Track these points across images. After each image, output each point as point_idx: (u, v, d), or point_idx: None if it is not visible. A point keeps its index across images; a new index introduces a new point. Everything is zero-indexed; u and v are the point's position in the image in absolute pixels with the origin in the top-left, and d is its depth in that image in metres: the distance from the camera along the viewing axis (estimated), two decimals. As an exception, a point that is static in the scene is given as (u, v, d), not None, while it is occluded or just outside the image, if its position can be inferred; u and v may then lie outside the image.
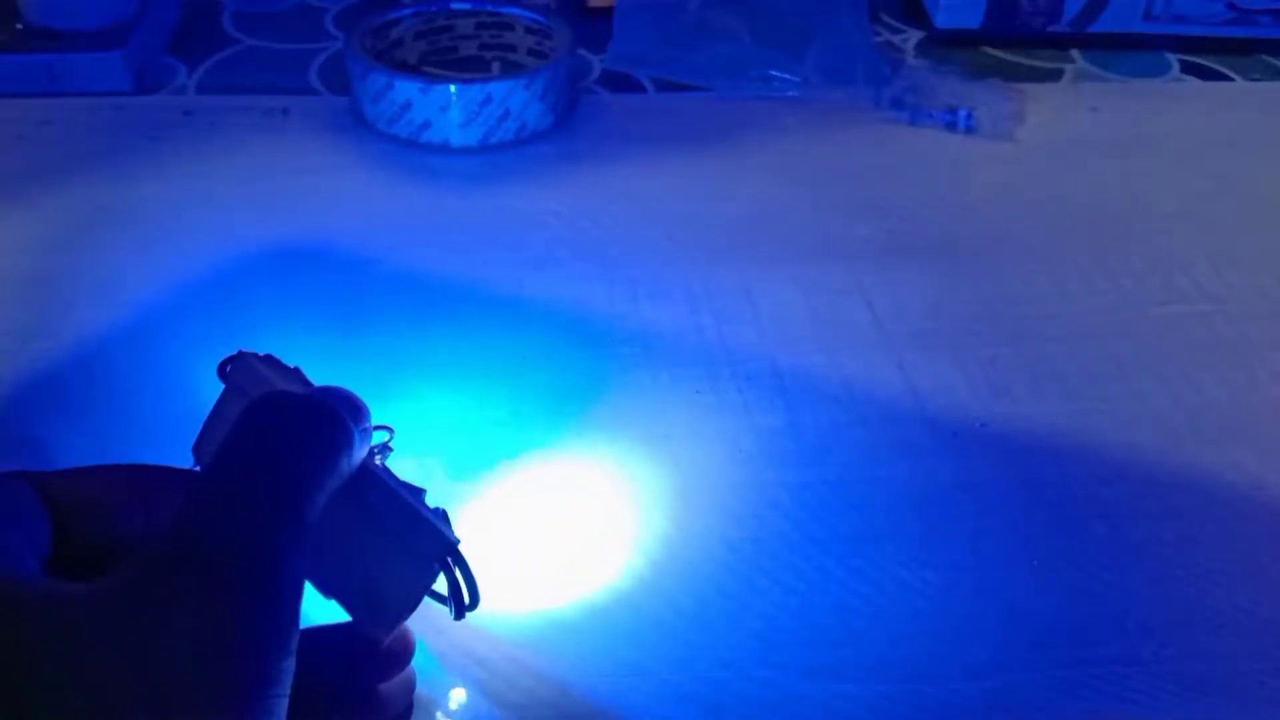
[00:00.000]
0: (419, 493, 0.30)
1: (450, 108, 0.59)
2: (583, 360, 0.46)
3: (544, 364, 0.46)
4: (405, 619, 0.29)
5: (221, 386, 0.30)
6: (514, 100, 0.60)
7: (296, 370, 0.31)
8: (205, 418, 0.30)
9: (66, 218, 0.53)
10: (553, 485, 0.40)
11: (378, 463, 0.30)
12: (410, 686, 0.31)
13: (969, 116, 0.64)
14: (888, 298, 0.50)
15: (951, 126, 0.65)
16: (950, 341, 0.48)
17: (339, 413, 0.26)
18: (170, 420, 0.38)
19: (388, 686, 0.30)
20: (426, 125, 0.60)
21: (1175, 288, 0.52)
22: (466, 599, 0.29)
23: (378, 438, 0.30)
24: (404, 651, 0.30)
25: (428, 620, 0.35)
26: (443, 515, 0.30)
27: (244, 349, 0.30)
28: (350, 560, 0.29)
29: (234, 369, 0.30)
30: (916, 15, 0.78)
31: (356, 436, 0.27)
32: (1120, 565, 0.38)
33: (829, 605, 0.37)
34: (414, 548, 0.29)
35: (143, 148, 0.59)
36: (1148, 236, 0.56)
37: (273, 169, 0.58)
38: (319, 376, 0.40)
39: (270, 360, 0.30)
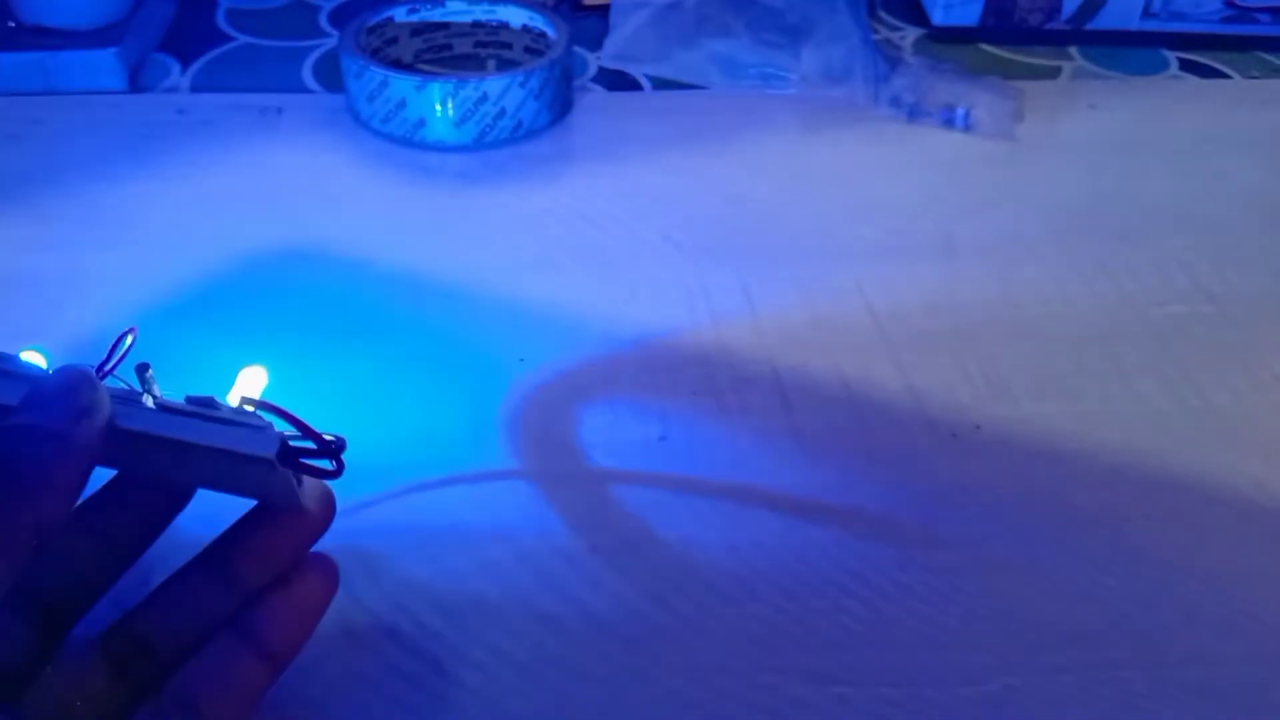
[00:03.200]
0: (209, 405, 0.29)
1: (445, 106, 0.59)
2: (579, 361, 0.46)
3: (540, 364, 0.45)
4: (298, 496, 0.30)
5: None
6: (510, 98, 0.60)
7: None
8: None
9: (59, 217, 0.53)
10: (551, 486, 0.40)
11: (150, 401, 0.29)
12: (327, 581, 0.32)
13: (967, 114, 0.64)
14: (886, 298, 0.50)
15: (950, 124, 0.64)
16: (950, 342, 0.48)
17: (33, 442, 0.25)
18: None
19: (297, 588, 0.31)
20: (421, 123, 0.59)
21: (1175, 287, 0.52)
22: (331, 465, 0.29)
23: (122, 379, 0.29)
24: (326, 504, 0.31)
25: (422, 626, 0.35)
26: (244, 413, 0.29)
27: None
28: (212, 479, 0.29)
29: None
30: (914, 13, 0.78)
31: (74, 434, 0.26)
32: (1121, 568, 0.38)
33: (828, 609, 0.36)
34: (245, 468, 0.28)
35: (136, 146, 0.59)
36: (1148, 235, 0.55)
37: (266, 167, 0.58)
38: (317, 374, 0.40)
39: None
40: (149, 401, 0.29)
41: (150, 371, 0.29)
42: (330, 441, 0.29)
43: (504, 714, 0.33)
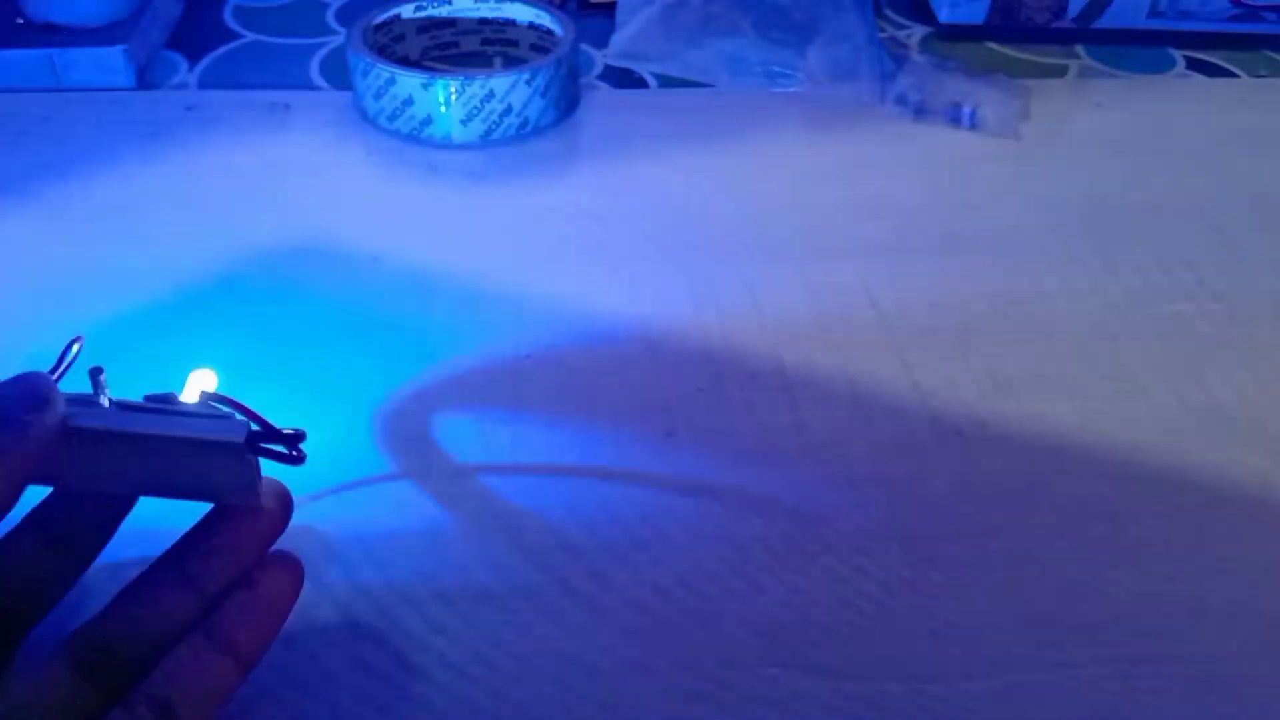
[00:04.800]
0: (166, 400, 0.29)
1: (452, 103, 0.59)
2: (585, 357, 0.46)
3: (546, 361, 0.45)
4: (258, 489, 0.30)
5: None
6: (516, 96, 0.60)
7: None
8: None
9: (66, 213, 0.53)
10: (554, 484, 0.40)
11: (105, 402, 0.29)
12: (293, 578, 0.32)
13: (973, 113, 0.64)
14: (892, 295, 0.50)
15: (956, 123, 0.64)
16: (955, 339, 0.48)
17: None
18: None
19: (262, 586, 0.31)
20: (428, 121, 0.60)
21: (1181, 285, 0.52)
22: (290, 451, 0.29)
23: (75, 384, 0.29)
24: (284, 503, 0.32)
25: (427, 619, 0.35)
26: (205, 405, 0.29)
27: None
28: (172, 483, 0.29)
29: None
30: (921, 11, 0.78)
31: (27, 422, 0.26)
32: (1125, 565, 0.38)
33: (832, 604, 0.36)
34: (214, 464, 0.28)
35: (144, 143, 0.59)
36: (1153, 234, 0.55)
37: (274, 164, 0.58)
38: (317, 374, 0.40)
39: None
40: (104, 402, 0.29)
41: (103, 375, 0.29)
42: (289, 433, 0.30)
43: (507, 704, 0.33)
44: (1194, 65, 0.73)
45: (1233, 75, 0.72)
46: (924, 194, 0.58)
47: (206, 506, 0.31)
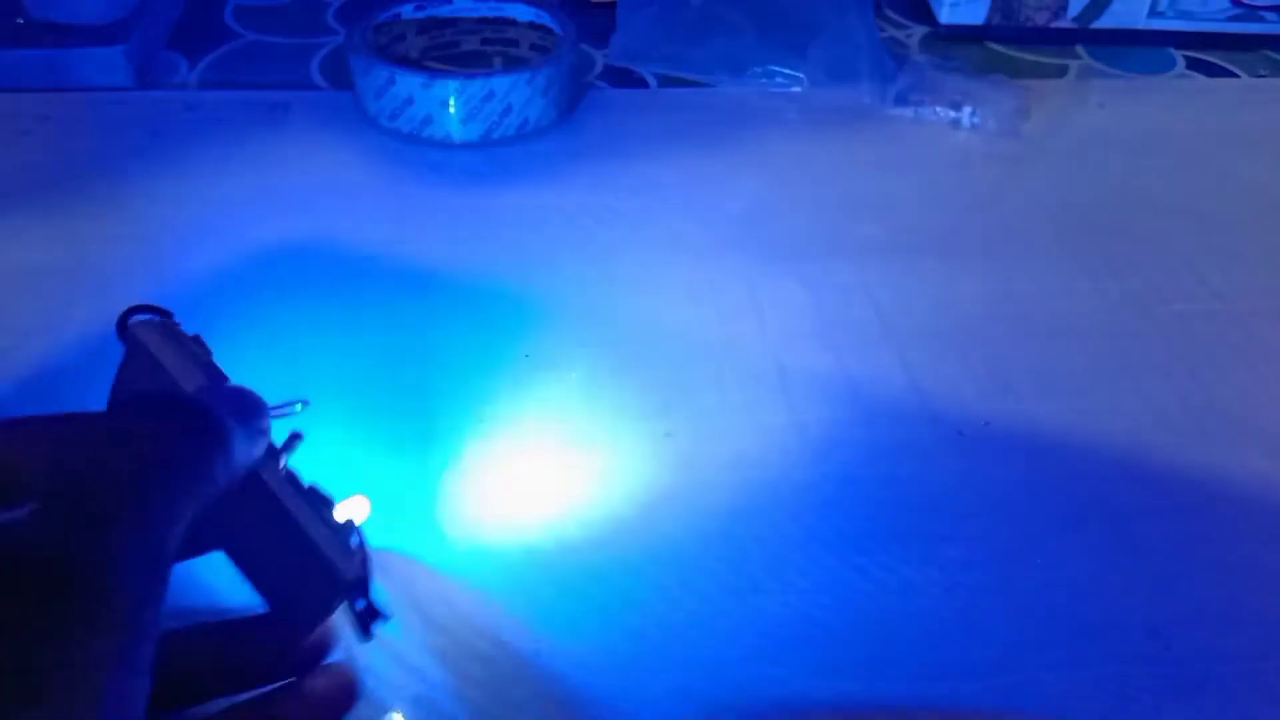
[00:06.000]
0: (325, 504, 0.29)
1: (452, 103, 0.59)
2: (585, 358, 0.46)
3: (546, 361, 0.45)
4: (314, 630, 0.29)
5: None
6: (516, 96, 0.60)
7: (196, 339, 0.29)
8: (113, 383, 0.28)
9: (66, 213, 0.53)
10: (554, 484, 0.40)
11: (281, 466, 0.28)
12: (348, 688, 0.30)
13: (974, 113, 0.64)
14: (892, 295, 0.50)
15: (956, 123, 0.64)
16: (955, 339, 0.48)
17: (213, 415, 0.25)
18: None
19: (317, 684, 0.30)
20: (428, 121, 0.60)
21: (1181, 286, 0.52)
22: (367, 628, 0.29)
23: (283, 430, 0.28)
24: (321, 647, 0.30)
25: (427, 618, 0.35)
26: (349, 530, 0.29)
27: (138, 307, 0.28)
28: (263, 563, 0.28)
29: (131, 336, 0.28)
30: (921, 11, 0.78)
31: (237, 440, 0.25)
32: (1125, 564, 0.38)
33: (833, 604, 0.36)
34: (310, 577, 0.28)
35: (144, 142, 0.59)
36: (1154, 234, 0.55)
37: (274, 163, 0.58)
38: (319, 373, 0.40)
39: (167, 328, 0.29)
40: (282, 465, 0.28)
41: (297, 444, 0.29)
42: (376, 610, 0.29)
43: (508, 704, 0.33)
44: (1194, 65, 0.73)
45: (1233, 75, 0.72)
46: (924, 194, 0.58)
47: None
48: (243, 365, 0.32)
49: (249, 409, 0.27)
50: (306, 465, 0.31)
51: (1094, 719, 0.33)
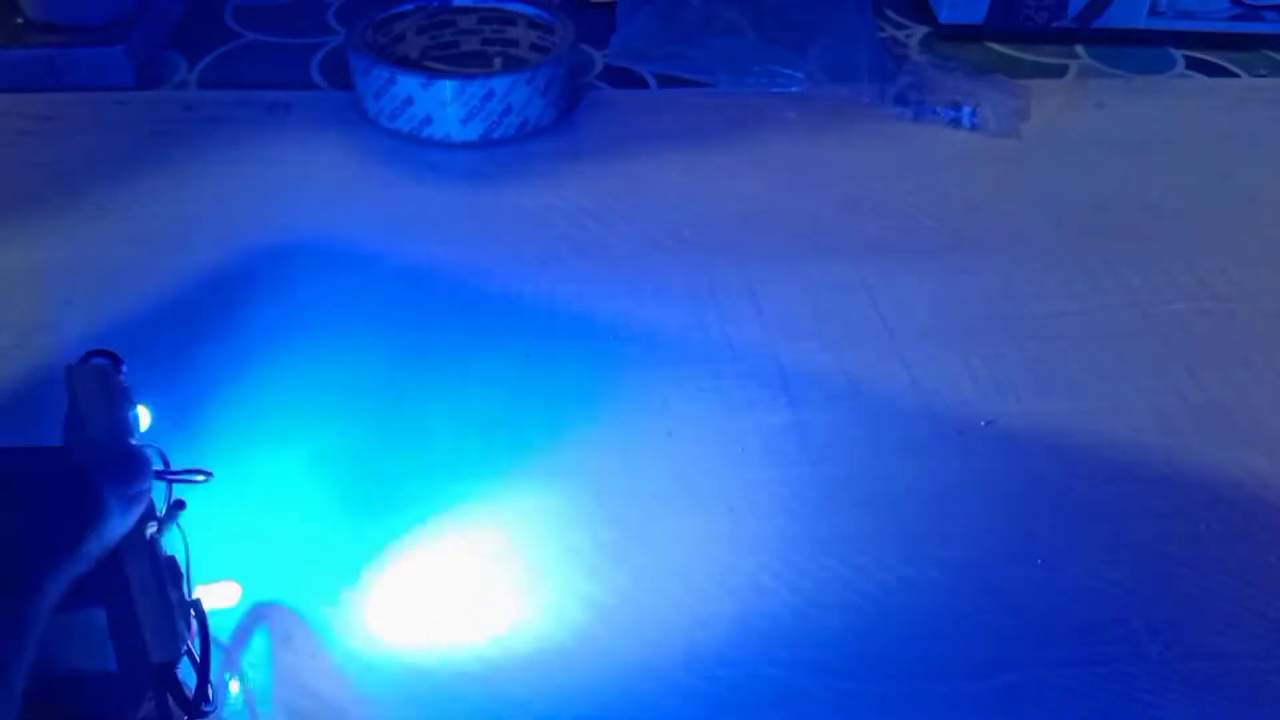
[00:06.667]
0: (175, 579, 0.29)
1: (452, 103, 0.59)
2: (585, 357, 0.46)
3: (546, 360, 0.45)
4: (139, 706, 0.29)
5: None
6: (516, 96, 0.60)
7: (124, 390, 0.29)
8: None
9: (68, 212, 0.53)
10: (556, 483, 0.40)
11: (149, 533, 0.28)
12: None
13: (973, 113, 0.64)
14: (892, 295, 0.50)
15: (956, 123, 0.64)
16: (955, 339, 0.48)
17: (92, 490, 0.26)
18: (171, 411, 0.38)
19: None
20: (428, 120, 0.60)
21: (1180, 285, 0.52)
22: (192, 711, 0.29)
23: (164, 499, 0.28)
24: None
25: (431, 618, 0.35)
26: (190, 609, 0.29)
27: (95, 351, 0.29)
28: (113, 624, 0.28)
29: (66, 378, 0.29)
30: (921, 11, 0.78)
31: (113, 515, 0.26)
32: (1125, 564, 0.38)
33: (833, 603, 0.36)
34: (131, 649, 0.28)
35: (144, 142, 0.59)
36: (1153, 233, 0.55)
37: (274, 164, 0.58)
38: (321, 373, 0.40)
39: (102, 373, 0.29)
40: (150, 532, 0.28)
41: (180, 512, 0.29)
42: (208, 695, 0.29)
43: (507, 702, 0.33)
44: (1194, 65, 0.73)
45: (1233, 75, 0.72)
46: (924, 193, 0.58)
47: None
48: (243, 365, 0.32)
49: (130, 474, 0.27)
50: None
51: (1094, 719, 0.33)
